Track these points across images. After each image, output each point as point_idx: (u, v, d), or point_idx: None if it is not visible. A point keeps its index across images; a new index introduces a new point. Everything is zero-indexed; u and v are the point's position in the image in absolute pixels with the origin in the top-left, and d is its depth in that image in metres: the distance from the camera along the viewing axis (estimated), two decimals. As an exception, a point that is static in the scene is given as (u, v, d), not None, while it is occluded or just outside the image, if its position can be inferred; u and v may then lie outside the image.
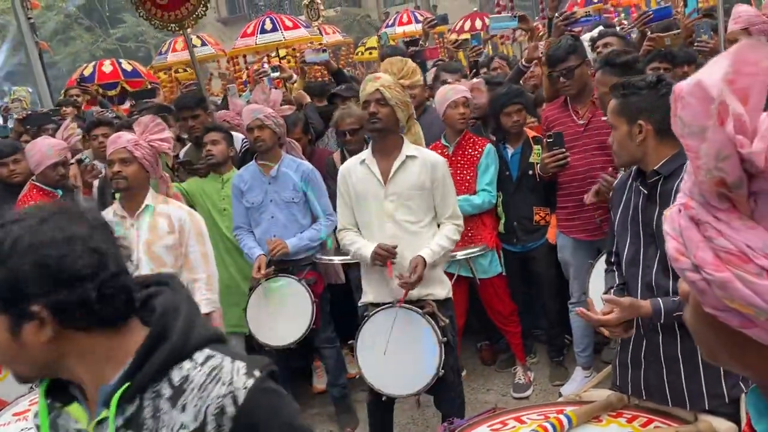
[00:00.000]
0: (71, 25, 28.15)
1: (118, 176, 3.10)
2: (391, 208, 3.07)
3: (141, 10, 5.07)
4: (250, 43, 8.70)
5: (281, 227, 3.89)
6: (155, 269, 3.11)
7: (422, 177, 3.05)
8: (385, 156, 3.09)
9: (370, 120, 3.01)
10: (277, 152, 3.92)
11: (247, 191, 3.92)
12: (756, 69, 0.62)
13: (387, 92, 2.98)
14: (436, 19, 6.35)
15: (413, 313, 3.04)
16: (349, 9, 27.18)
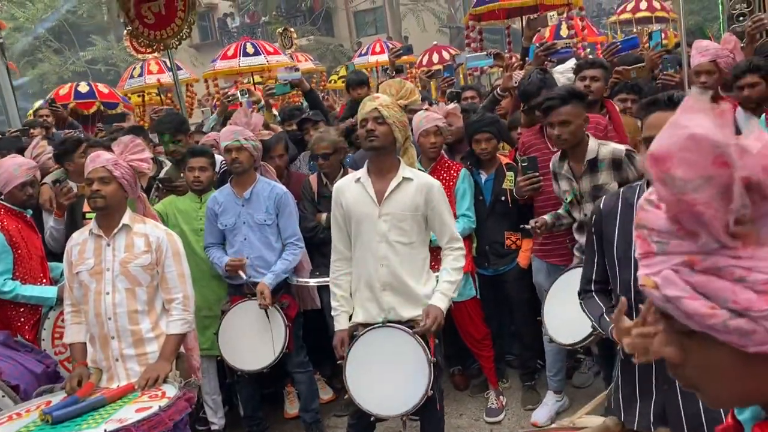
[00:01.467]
0: (39, 47, 27.86)
1: (96, 195, 3.06)
2: (384, 229, 3.05)
3: (130, 27, 5.11)
4: (233, 65, 8.73)
5: (254, 249, 3.90)
6: (131, 288, 3.09)
7: (417, 199, 3.05)
8: (380, 176, 3.09)
9: (367, 137, 3.01)
10: (252, 175, 3.95)
11: (221, 213, 3.93)
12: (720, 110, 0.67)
13: (385, 111, 2.99)
14: (401, 49, 6.48)
15: (403, 333, 3.03)
16: (322, 38, 27.48)
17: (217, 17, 30.44)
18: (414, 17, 27.58)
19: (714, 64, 4.17)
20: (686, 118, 0.69)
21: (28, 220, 3.99)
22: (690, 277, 0.71)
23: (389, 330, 3.05)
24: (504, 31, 9.02)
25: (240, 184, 3.93)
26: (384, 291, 3.07)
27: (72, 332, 3.18)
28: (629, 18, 13.53)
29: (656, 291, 0.74)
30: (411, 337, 3.01)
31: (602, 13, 28.64)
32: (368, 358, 3.06)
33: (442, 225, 3.11)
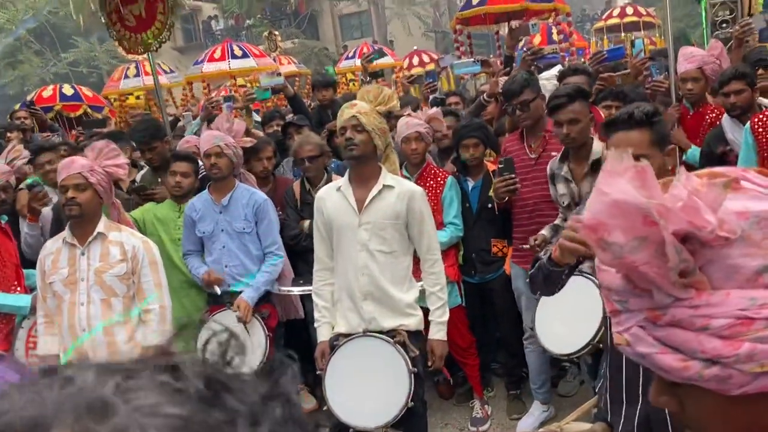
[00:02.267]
0: (20, 48, 27.51)
1: (71, 203, 2.97)
2: (365, 237, 3.01)
3: (112, 30, 5.03)
4: (222, 67, 8.64)
5: (233, 257, 3.81)
6: (106, 299, 3.00)
7: (398, 207, 3.00)
8: (361, 184, 3.04)
9: (347, 146, 2.96)
10: (230, 181, 3.85)
11: (199, 220, 3.84)
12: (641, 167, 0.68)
13: (363, 118, 2.94)
14: (372, 54, 6.45)
15: (384, 343, 3.00)
16: (307, 41, 27.40)
17: (201, 20, 30.26)
18: (399, 21, 27.61)
19: (700, 71, 4.17)
20: (606, 184, 0.69)
21: (3, 227, 3.88)
22: (656, 332, 0.71)
23: (369, 340, 3.01)
24: (492, 36, 9.05)
25: (218, 191, 3.83)
26: (365, 300, 3.03)
27: (45, 344, 3.09)
28: (617, 23, 13.63)
29: (629, 348, 0.75)
30: (391, 347, 2.98)
31: (586, 18, 28.84)
32: (348, 369, 3.02)
33: (421, 234, 3.07)
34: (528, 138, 3.87)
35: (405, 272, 3.11)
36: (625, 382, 2.21)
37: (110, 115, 8.84)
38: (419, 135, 4.09)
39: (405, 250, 3.10)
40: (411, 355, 3.00)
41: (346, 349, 3.04)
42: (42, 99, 8.40)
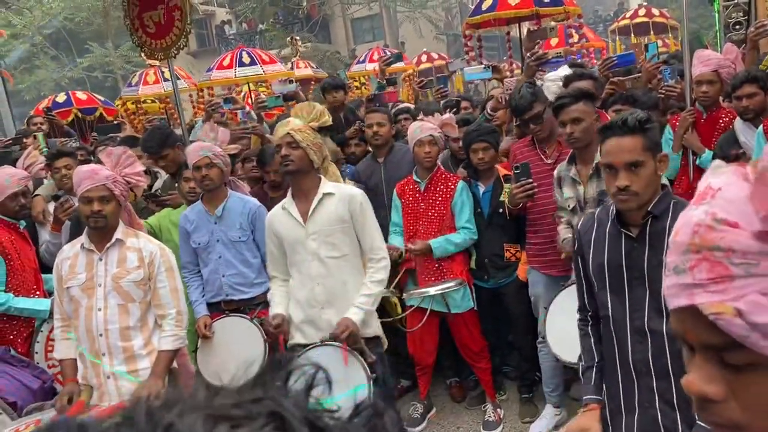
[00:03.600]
0: (37, 54, 27.82)
1: (97, 215, 2.98)
2: (314, 247, 3.13)
3: (135, 37, 5.13)
4: (229, 75, 8.69)
5: (230, 267, 3.82)
6: (123, 304, 3.04)
7: (340, 210, 3.12)
8: (303, 197, 3.17)
9: (282, 163, 3.10)
10: (222, 191, 3.84)
11: (194, 231, 3.83)
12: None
13: (297, 135, 3.07)
14: (391, 57, 6.46)
15: (341, 351, 3.05)
16: (320, 45, 27.48)
17: (214, 24, 30.45)
18: (411, 24, 27.63)
19: (716, 74, 4.15)
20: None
21: (21, 232, 3.96)
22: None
23: (326, 348, 3.06)
24: (503, 38, 9.03)
25: (211, 201, 3.82)
26: (323, 309, 3.13)
27: (62, 348, 3.13)
28: (627, 24, 13.58)
29: (737, 319, 0.66)
30: (349, 355, 3.03)
31: (598, 20, 28.70)
32: None
33: (363, 234, 3.18)
34: (540, 144, 3.88)
35: (360, 273, 3.21)
36: (623, 391, 2.24)
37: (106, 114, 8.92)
38: (432, 139, 4.12)
39: (356, 254, 3.20)
40: (369, 360, 3.06)
41: (305, 360, 3.06)
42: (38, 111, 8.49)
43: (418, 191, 4.18)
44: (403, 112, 5.45)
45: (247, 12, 27.50)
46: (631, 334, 2.20)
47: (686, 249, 0.71)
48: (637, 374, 2.21)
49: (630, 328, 2.20)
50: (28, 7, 27.85)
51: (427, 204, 4.16)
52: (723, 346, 0.70)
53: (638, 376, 2.21)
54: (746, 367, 0.69)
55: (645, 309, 2.16)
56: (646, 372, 2.18)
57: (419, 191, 4.17)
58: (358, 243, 3.20)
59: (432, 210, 4.13)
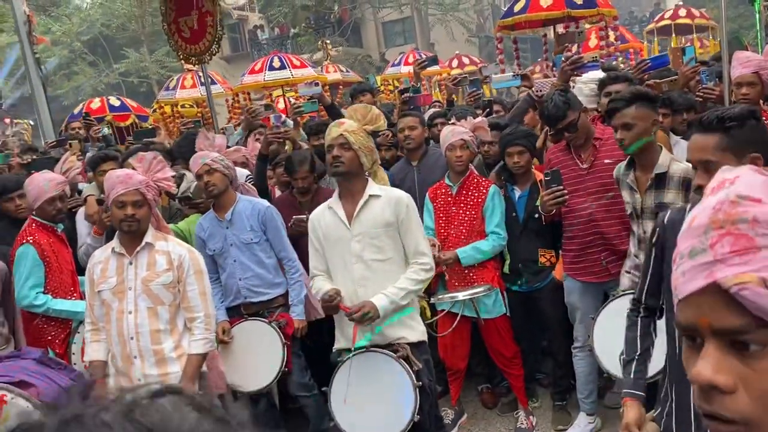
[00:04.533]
0: (75, 60, 28.49)
1: (131, 219, 3.03)
2: (358, 249, 3.08)
3: (171, 41, 5.23)
4: (258, 79, 8.83)
5: (246, 269, 3.84)
6: (153, 307, 3.07)
7: (386, 213, 3.07)
8: (350, 199, 3.14)
9: (333, 164, 3.07)
10: (231, 195, 3.87)
11: (208, 239, 3.88)
12: None
13: (351, 137, 3.04)
14: (426, 60, 6.43)
15: (387, 358, 3.01)
16: (351, 49, 27.61)
17: (247, 29, 30.81)
18: (442, 27, 27.58)
19: (756, 76, 4.04)
20: None
21: (59, 235, 4.03)
22: None
23: (372, 355, 3.02)
24: (536, 40, 8.98)
25: (220, 207, 3.86)
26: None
27: (92, 350, 3.16)
28: (668, 24, 13.33)
29: (762, 288, 0.66)
30: (395, 362, 2.98)
31: (634, 21, 28.28)
32: (353, 384, 3.03)
33: (408, 238, 3.11)
34: (575, 148, 3.82)
35: None
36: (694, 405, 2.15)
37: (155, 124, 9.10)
38: (464, 143, 4.10)
39: (401, 257, 3.14)
40: (414, 368, 3.00)
41: (350, 366, 3.07)
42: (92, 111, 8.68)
43: (450, 195, 4.16)
44: (439, 116, 5.42)
45: (279, 17, 27.78)
46: None
47: (707, 228, 0.71)
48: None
49: None
50: (67, 14, 28.58)
51: (458, 208, 4.14)
52: (742, 328, 0.68)
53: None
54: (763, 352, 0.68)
55: None
56: None
57: (451, 195, 4.15)
58: (403, 247, 3.15)
59: (464, 215, 4.10)
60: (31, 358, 3.36)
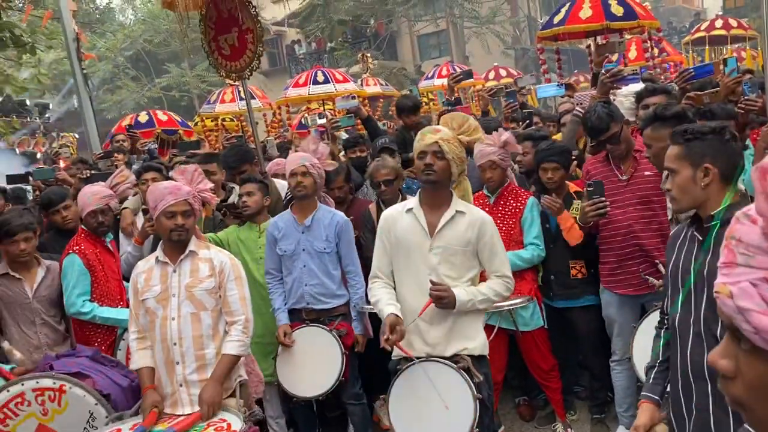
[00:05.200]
0: (118, 75, 29.27)
1: (181, 229, 3.12)
2: (434, 262, 3.00)
3: (212, 59, 5.37)
4: (302, 92, 9.00)
5: (313, 276, 3.91)
6: (196, 313, 3.14)
7: (469, 234, 3.00)
8: (433, 208, 3.04)
9: (425, 171, 2.97)
10: (313, 202, 3.97)
11: (281, 239, 3.95)
12: None
13: (445, 146, 2.94)
14: (461, 74, 6.46)
15: (447, 368, 2.95)
16: (386, 62, 27.78)
17: (285, 44, 31.26)
18: (478, 39, 27.58)
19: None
20: None
21: (107, 245, 4.17)
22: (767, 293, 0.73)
23: (433, 365, 2.97)
24: (575, 52, 8.95)
25: (301, 211, 3.95)
26: (431, 325, 2.99)
27: (138, 357, 3.22)
28: (702, 36, 13.14)
29: (729, 300, 0.77)
30: (455, 373, 2.93)
31: (673, 32, 27.87)
32: (411, 394, 2.99)
33: (492, 256, 3.05)
34: (615, 160, 3.82)
35: None
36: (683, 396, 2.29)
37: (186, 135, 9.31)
38: (492, 164, 4.10)
39: (472, 278, 3.09)
40: (475, 380, 2.94)
41: (409, 374, 3.01)
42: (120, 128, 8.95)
43: (488, 205, 4.17)
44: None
45: (316, 31, 28.11)
46: (692, 339, 2.24)
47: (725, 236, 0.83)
48: (695, 377, 2.25)
49: (692, 332, 2.24)
50: (112, 30, 29.42)
51: (495, 218, 4.12)
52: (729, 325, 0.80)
53: (695, 379, 2.25)
54: (755, 349, 0.78)
55: (701, 313, 2.20)
56: (702, 375, 2.21)
57: (488, 205, 4.17)
58: (475, 267, 3.08)
59: (501, 225, 4.10)
60: (84, 356, 3.51)
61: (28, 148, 14.45)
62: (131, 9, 32.83)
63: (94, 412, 3.14)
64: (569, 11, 7.71)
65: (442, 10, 28.43)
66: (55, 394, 3.15)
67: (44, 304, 3.87)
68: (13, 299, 3.81)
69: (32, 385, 3.15)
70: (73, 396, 3.16)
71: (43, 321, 3.86)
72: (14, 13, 7.03)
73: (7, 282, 3.82)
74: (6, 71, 7.00)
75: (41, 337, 3.84)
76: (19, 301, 3.81)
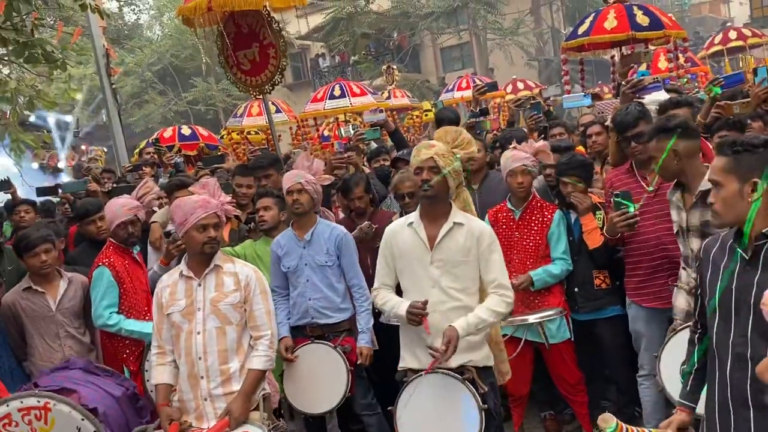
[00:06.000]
0: (146, 89, 29.74)
1: (214, 242, 3.15)
2: (436, 275, 3.05)
3: (229, 74, 5.42)
4: (319, 107, 9.09)
5: (317, 290, 3.94)
6: (221, 327, 3.15)
7: (468, 244, 3.04)
8: (432, 221, 3.10)
9: (422, 187, 3.05)
10: (312, 217, 4.01)
11: (284, 256, 3.99)
12: None
13: (441, 161, 3.02)
14: (485, 86, 6.46)
15: (453, 380, 3.00)
16: (409, 74, 27.87)
17: (309, 58, 31.55)
18: (501, 51, 27.55)
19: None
20: None
21: (135, 257, 4.22)
22: None
23: (438, 376, 3.01)
24: (598, 62, 8.92)
25: (301, 227, 3.99)
26: (437, 337, 3.00)
27: (157, 373, 3.23)
28: (720, 50, 12.99)
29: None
30: (461, 384, 2.96)
31: (699, 41, 27.51)
32: (418, 405, 3.02)
33: (489, 271, 3.06)
34: (640, 171, 3.77)
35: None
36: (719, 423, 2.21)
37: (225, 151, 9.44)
38: (525, 168, 4.09)
39: (476, 288, 3.10)
40: (480, 391, 2.97)
41: (416, 386, 3.06)
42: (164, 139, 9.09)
43: (513, 219, 4.15)
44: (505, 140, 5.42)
45: (340, 45, 28.34)
46: (732, 361, 2.14)
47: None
48: (734, 403, 2.15)
49: (732, 354, 2.14)
50: (140, 46, 29.95)
51: (522, 233, 4.12)
52: None
53: (735, 405, 2.15)
54: None
55: (748, 335, 2.09)
56: (745, 402, 2.12)
57: (513, 219, 4.14)
58: (480, 278, 3.11)
59: (527, 240, 4.08)
60: (77, 368, 3.54)
61: (57, 162, 14.79)
62: (158, 25, 33.39)
63: (81, 428, 3.13)
64: (594, 22, 7.68)
65: (465, 22, 28.48)
66: (40, 413, 3.13)
67: (68, 316, 3.94)
68: (37, 312, 3.87)
69: (17, 405, 3.14)
70: (58, 413, 3.14)
71: (67, 333, 3.91)
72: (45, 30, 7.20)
73: (30, 296, 3.89)
74: (38, 86, 7.14)
75: (66, 349, 3.89)
76: (43, 314, 3.88)
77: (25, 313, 3.88)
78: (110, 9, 27.65)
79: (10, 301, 3.90)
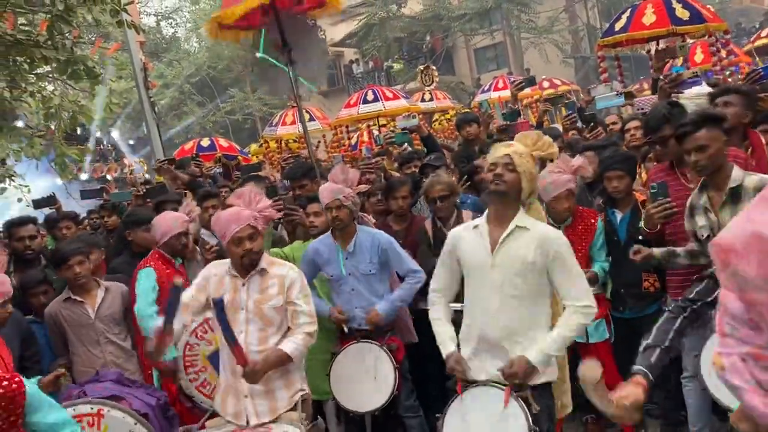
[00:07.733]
0: (184, 101, 30.33)
1: (251, 254, 3.20)
2: (498, 280, 2.90)
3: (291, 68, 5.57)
4: (352, 113, 9.17)
5: (362, 299, 3.95)
6: (263, 329, 3.20)
7: (530, 249, 2.86)
8: (498, 225, 2.95)
9: (494, 180, 2.89)
10: (352, 227, 4.00)
11: (325, 264, 4.01)
12: None
13: (517, 158, 2.89)
14: (523, 81, 6.41)
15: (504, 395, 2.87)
16: (443, 77, 27.79)
17: (343, 64, 31.75)
18: (536, 50, 27.29)
19: None
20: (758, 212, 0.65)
21: (178, 267, 4.32)
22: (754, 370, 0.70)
23: (490, 390, 2.90)
24: (635, 57, 8.78)
25: (342, 238, 3.99)
26: (495, 347, 2.92)
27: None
28: (765, 44, 12.59)
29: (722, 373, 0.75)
30: (514, 401, 2.83)
31: (742, 33, 26.80)
32: (465, 417, 2.93)
33: (567, 281, 2.90)
34: (681, 168, 3.68)
35: (544, 320, 2.96)
36: None
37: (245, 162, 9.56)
38: (570, 192, 3.98)
39: (543, 296, 2.95)
40: (533, 411, 2.82)
41: (466, 396, 2.96)
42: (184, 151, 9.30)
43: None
44: None
45: (373, 50, 28.45)
46: None
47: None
48: None
49: None
50: (177, 59, 30.57)
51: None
52: None
53: None
54: None
55: None
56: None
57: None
58: (548, 287, 2.95)
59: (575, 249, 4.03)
60: (108, 380, 3.62)
61: (102, 173, 15.18)
62: (195, 37, 34.04)
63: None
64: (631, 17, 7.55)
65: (498, 22, 28.30)
66: (93, 419, 3.22)
67: (107, 323, 4.06)
68: (77, 321, 4.01)
69: (70, 412, 3.16)
70: (111, 419, 3.23)
71: (107, 339, 4.04)
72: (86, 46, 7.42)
73: (71, 305, 4.03)
74: (80, 101, 7.37)
75: (107, 355, 4.01)
76: (83, 323, 4.01)
77: (66, 322, 4.02)
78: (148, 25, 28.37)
79: (52, 311, 4.06)
